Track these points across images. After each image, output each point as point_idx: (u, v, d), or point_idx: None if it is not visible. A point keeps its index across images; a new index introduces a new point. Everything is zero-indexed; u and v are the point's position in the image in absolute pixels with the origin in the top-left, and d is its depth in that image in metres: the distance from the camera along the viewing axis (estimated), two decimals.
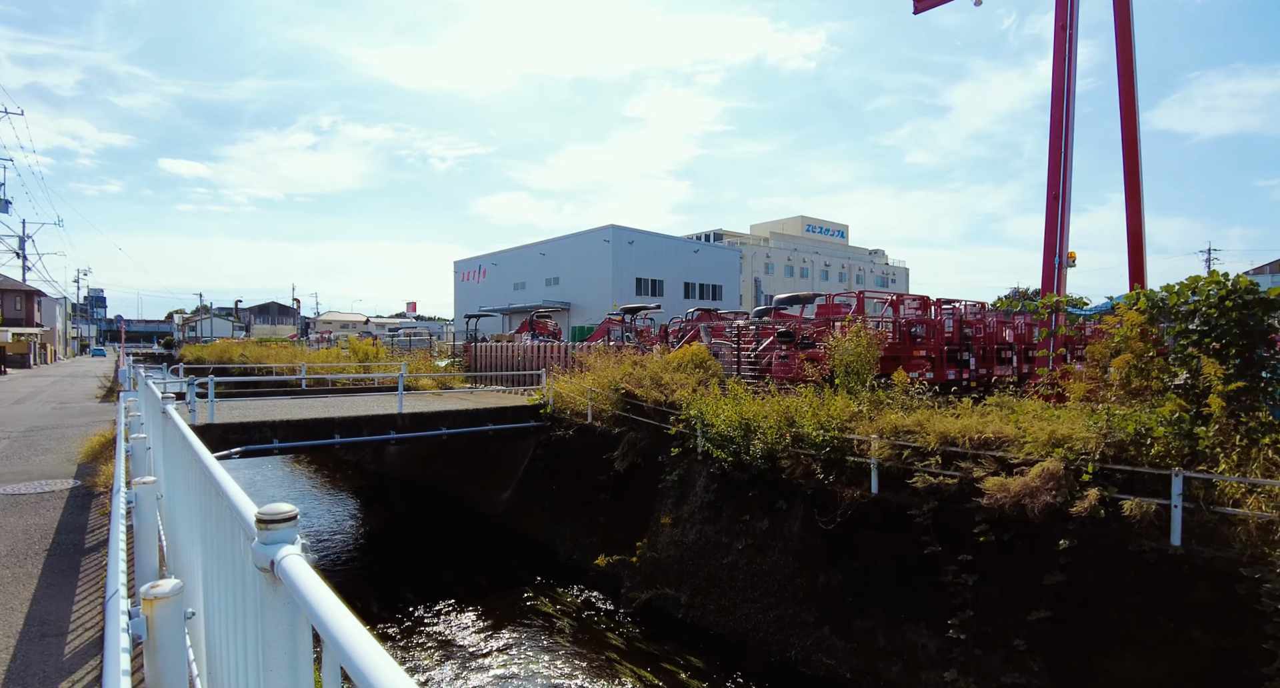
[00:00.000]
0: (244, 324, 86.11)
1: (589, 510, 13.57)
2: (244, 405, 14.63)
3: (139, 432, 6.61)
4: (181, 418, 4.19)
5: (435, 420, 13.97)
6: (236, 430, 11.56)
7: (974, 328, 15.44)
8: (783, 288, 78.60)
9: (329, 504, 18.34)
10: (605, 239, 57.14)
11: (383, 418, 13.28)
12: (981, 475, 8.68)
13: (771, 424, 11.03)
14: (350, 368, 24.67)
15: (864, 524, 9.64)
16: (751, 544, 10.66)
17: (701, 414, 11.83)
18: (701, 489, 11.63)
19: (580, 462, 14.15)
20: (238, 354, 41.72)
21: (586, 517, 13.56)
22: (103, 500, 7.36)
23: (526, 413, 15.38)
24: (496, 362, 23.47)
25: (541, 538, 14.18)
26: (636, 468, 12.64)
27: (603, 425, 13.84)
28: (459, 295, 78.68)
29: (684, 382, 13.25)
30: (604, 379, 14.20)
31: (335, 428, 12.61)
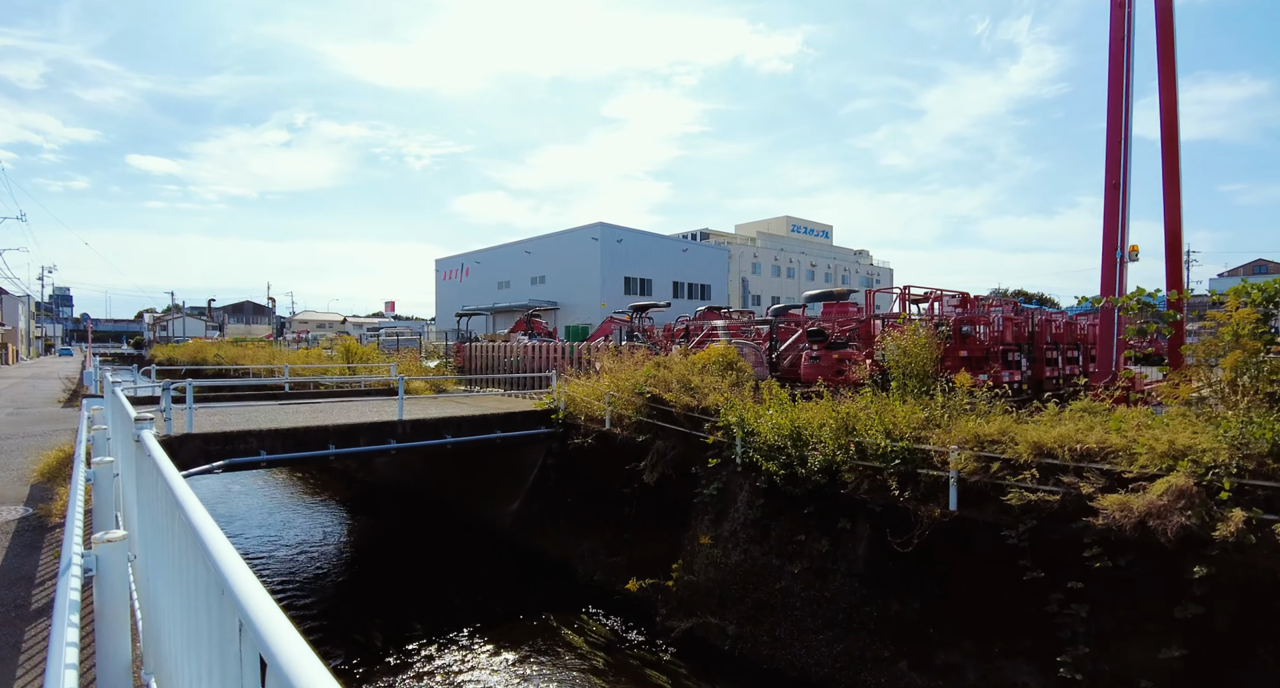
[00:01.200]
0: (217, 324, 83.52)
1: (611, 526, 12.31)
2: (223, 411, 13.17)
3: (105, 453, 5.25)
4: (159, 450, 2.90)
5: (439, 428, 12.63)
6: (218, 441, 10.15)
7: (1020, 326, 14.43)
8: (770, 289, 77.76)
9: (314, 516, 16.88)
10: (593, 237, 55.82)
11: (382, 426, 11.93)
12: (1090, 491, 7.59)
13: (827, 433, 9.88)
14: (335, 370, 23.17)
15: (944, 546, 8.50)
16: (808, 568, 9.49)
17: (743, 421, 10.65)
18: (744, 505, 10.43)
19: (599, 472, 12.89)
20: (212, 355, 39.81)
21: (608, 533, 12.31)
22: (60, 535, 5.97)
23: (536, 419, 14.08)
24: (493, 363, 22.11)
25: (556, 555, 12.90)
26: (666, 480, 11.41)
27: (624, 433, 12.59)
28: (440, 295, 76.85)
29: (715, 385, 12.05)
30: (625, 382, 12.96)
31: (330, 438, 11.24)
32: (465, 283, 71.27)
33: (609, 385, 13.63)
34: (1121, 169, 12.24)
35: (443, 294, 76.19)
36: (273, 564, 13.33)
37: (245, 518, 16.51)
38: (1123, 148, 12.32)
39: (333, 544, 14.81)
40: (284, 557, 13.78)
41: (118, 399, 5.24)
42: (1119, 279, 11.96)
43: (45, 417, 14.40)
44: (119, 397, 5.22)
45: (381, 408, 14.58)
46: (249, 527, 15.90)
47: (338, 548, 14.63)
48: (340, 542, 15.11)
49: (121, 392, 5.04)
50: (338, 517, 17.06)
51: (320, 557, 13.91)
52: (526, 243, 63.72)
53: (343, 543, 15.04)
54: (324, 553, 14.18)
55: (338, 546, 14.80)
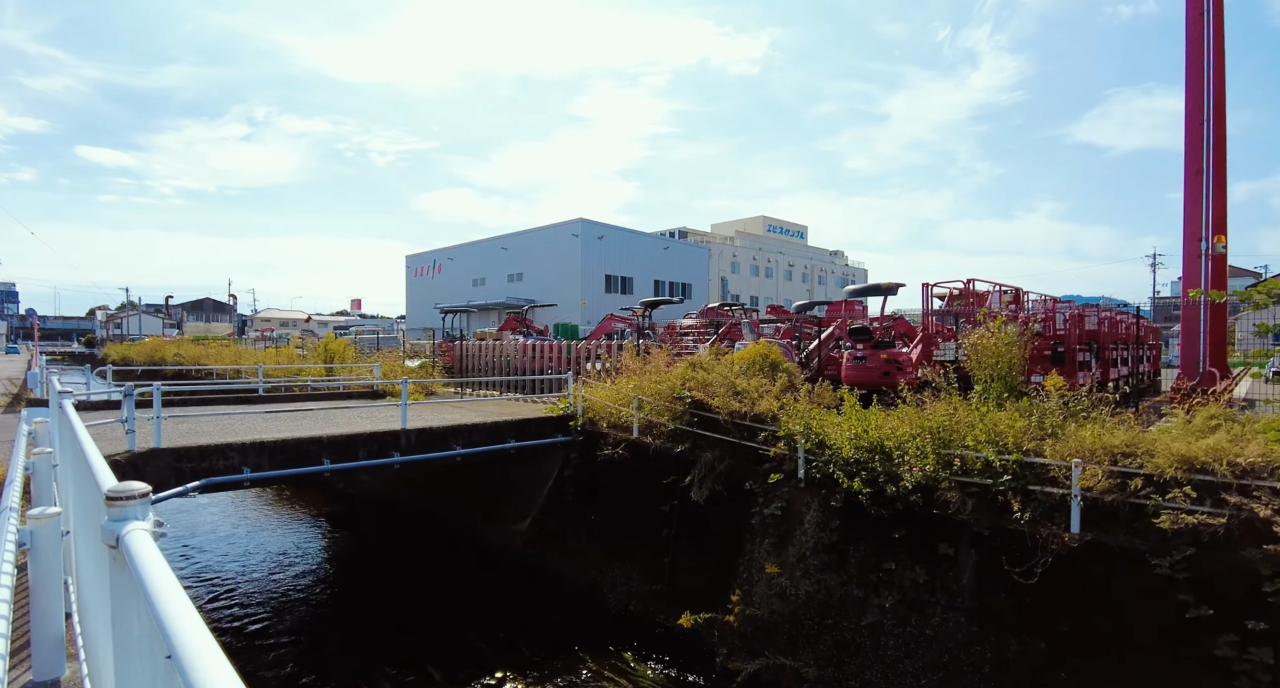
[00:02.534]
0: (175, 321, 79.91)
1: (647, 549, 10.85)
2: (193, 419, 11.41)
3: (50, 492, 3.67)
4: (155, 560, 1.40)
5: (447, 438, 11.03)
6: (192, 457, 8.45)
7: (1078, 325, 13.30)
8: (748, 288, 76.83)
9: (288, 535, 15.11)
10: (574, 233, 54.17)
11: (383, 436, 10.29)
12: (1269, 515, 6.37)
13: (915, 445, 8.57)
14: (313, 371, 21.28)
15: (1069, 575, 7.23)
16: (901, 600, 8.15)
17: (810, 431, 9.28)
18: (814, 526, 9.06)
19: (629, 487, 11.42)
20: (172, 354, 37.30)
21: (644, 557, 10.84)
22: None
23: (552, 426, 12.55)
24: (487, 363, 20.44)
25: (580, 581, 11.39)
26: (716, 497, 9.98)
27: (658, 443, 11.14)
28: (411, 292, 74.42)
29: (765, 389, 10.66)
30: (655, 386, 11.50)
31: (323, 451, 9.58)
32: (438, 280, 68.98)
33: (633, 389, 12.18)
34: (1204, 153, 11.14)
35: (414, 292, 73.75)
36: (245, 590, 11.62)
37: (209, 536, 14.67)
38: (1205, 129, 11.21)
39: (313, 566, 13.10)
40: (258, 581, 12.05)
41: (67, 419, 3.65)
42: (1205, 272, 10.86)
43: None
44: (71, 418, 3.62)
45: (373, 414, 12.91)
46: (213, 542, 14.10)
47: (319, 570, 12.93)
48: (321, 563, 13.39)
49: (69, 404, 3.39)
50: (315, 534, 15.30)
51: (299, 582, 12.20)
52: (503, 239, 61.77)
53: (324, 565, 13.32)
54: (304, 577, 12.47)
55: (319, 567, 13.09)
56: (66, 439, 3.96)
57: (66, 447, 4.00)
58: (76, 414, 3.38)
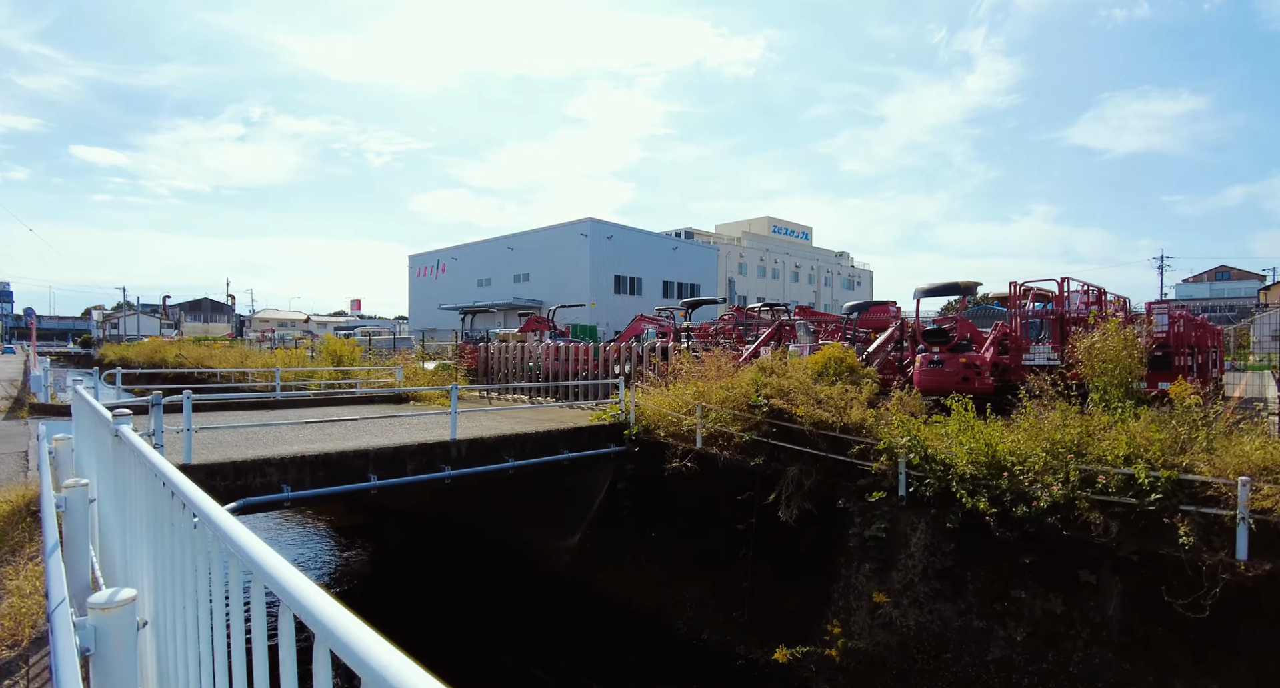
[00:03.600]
0: (173, 322, 78.68)
1: (721, 571, 9.90)
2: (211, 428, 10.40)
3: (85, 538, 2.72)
4: None
5: (499, 449, 10.07)
6: (226, 474, 7.47)
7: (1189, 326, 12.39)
8: (755, 289, 75.85)
9: (302, 546, 14.12)
10: (583, 233, 53.22)
11: (431, 448, 9.31)
12: None
13: (1040, 459, 7.65)
14: (325, 374, 20.27)
15: (1247, 610, 6.30)
16: (1033, 633, 7.21)
17: (918, 445, 8.35)
18: (922, 549, 8.13)
19: (696, 503, 10.47)
20: (173, 355, 36.14)
21: (717, 580, 9.90)
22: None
23: (604, 435, 11.58)
24: (515, 367, 19.45)
25: (642, 604, 10.43)
26: (805, 517, 9.03)
27: (730, 455, 10.20)
28: (414, 293, 73.35)
29: (851, 396, 9.72)
30: (725, 392, 10.54)
31: (369, 465, 8.61)
32: (441, 280, 67.92)
33: (694, 395, 11.24)
34: None
35: (416, 292, 72.68)
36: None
37: None
38: None
39: (330, 583, 12.11)
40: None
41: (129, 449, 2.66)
42: None
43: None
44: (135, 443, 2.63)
45: (409, 423, 11.93)
46: None
47: (337, 587, 11.94)
48: (341, 581, 12.40)
49: (145, 446, 2.41)
50: (332, 547, 14.31)
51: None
52: (509, 238, 60.77)
53: (345, 582, 12.33)
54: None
55: (339, 585, 12.10)
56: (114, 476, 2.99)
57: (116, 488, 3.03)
58: (149, 448, 2.41)
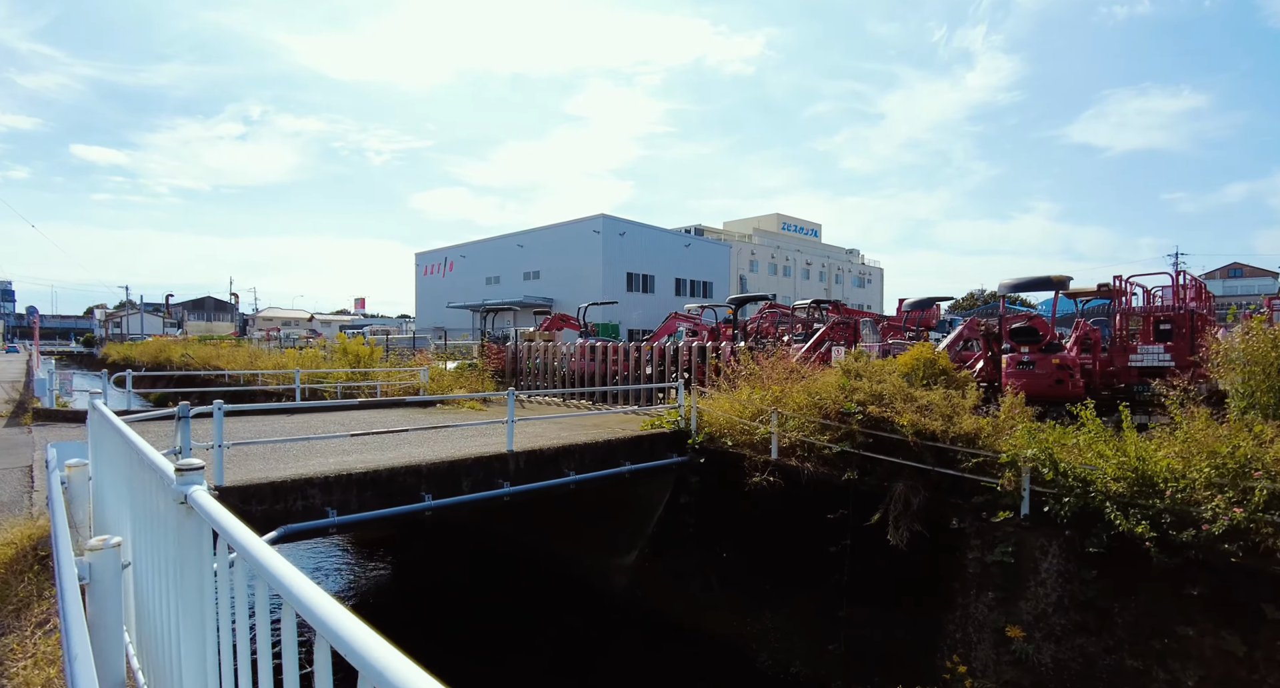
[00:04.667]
0: (176, 321, 77.68)
1: (809, 598, 8.84)
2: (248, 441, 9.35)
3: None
4: None
5: (557, 461, 9.00)
6: (263, 497, 6.40)
7: None
8: (766, 287, 74.62)
9: (324, 562, 13.05)
10: (595, 230, 52.09)
11: (488, 462, 8.24)
12: None
13: (1203, 475, 6.58)
14: (341, 375, 19.19)
15: None
16: (1206, 677, 6.15)
17: (1051, 459, 7.28)
18: (1056, 577, 7.07)
19: (775, 520, 9.40)
20: (179, 354, 35.05)
21: (805, 607, 8.83)
22: None
23: (665, 444, 10.52)
24: (545, 368, 18.37)
25: (715, 632, 9.38)
26: (914, 538, 7.96)
27: (814, 468, 9.12)
28: (421, 291, 72.25)
29: (956, 403, 8.66)
30: (804, 397, 9.47)
31: (422, 482, 7.54)
32: (449, 278, 66.82)
33: (763, 400, 10.18)
34: None
35: (423, 290, 71.57)
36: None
37: None
38: None
39: (356, 603, 11.06)
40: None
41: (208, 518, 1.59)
42: None
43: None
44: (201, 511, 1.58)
45: (451, 431, 10.85)
46: None
47: (363, 608, 10.88)
48: (368, 600, 11.34)
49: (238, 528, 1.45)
50: (355, 563, 13.24)
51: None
52: (519, 235, 59.63)
53: (372, 601, 11.28)
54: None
55: (365, 605, 11.04)
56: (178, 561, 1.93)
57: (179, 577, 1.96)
58: (243, 532, 1.38)
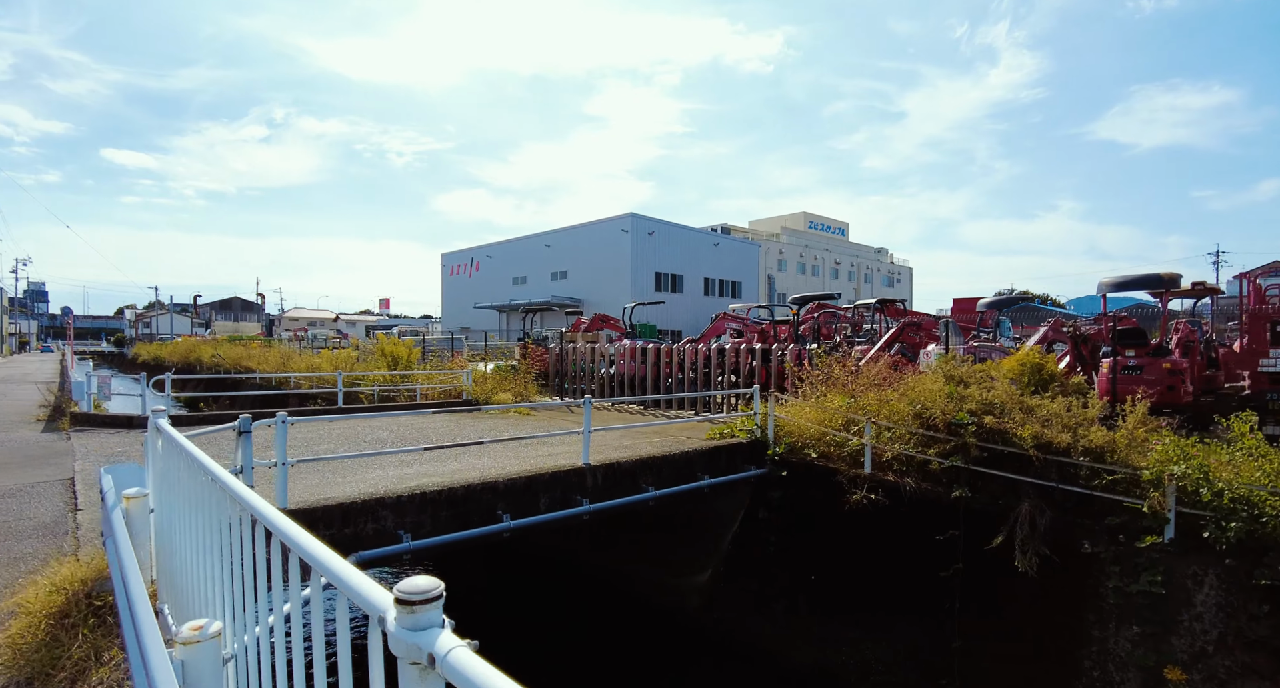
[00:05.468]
0: (204, 321, 78.13)
1: (915, 627, 8.02)
2: (315, 458, 8.75)
3: None
4: None
5: (635, 476, 8.25)
6: (332, 520, 5.72)
7: None
8: (794, 287, 73.48)
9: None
10: (624, 229, 51.39)
11: (566, 477, 7.50)
12: None
13: None
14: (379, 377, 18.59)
15: None
16: None
17: (1203, 474, 6.42)
18: (1216, 610, 6.21)
19: (871, 540, 8.59)
20: (209, 355, 34.82)
21: (911, 637, 8.02)
22: None
23: (741, 456, 9.74)
24: (587, 370, 17.65)
25: (806, 661, 8.59)
26: (1043, 563, 7.11)
27: (916, 483, 8.29)
28: (446, 291, 72.01)
29: (1078, 414, 7.80)
30: (902, 406, 8.64)
31: (499, 500, 6.82)
32: (475, 278, 66.47)
33: (851, 407, 9.37)
34: None
35: (449, 291, 71.32)
36: None
37: None
38: None
39: None
40: None
41: None
42: None
43: (19, 452, 9.84)
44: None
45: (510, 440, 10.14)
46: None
47: None
48: None
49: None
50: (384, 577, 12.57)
51: None
52: (546, 235, 59.07)
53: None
54: None
55: None
56: None
57: None
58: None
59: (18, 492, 7.16)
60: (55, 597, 3.58)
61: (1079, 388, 8.74)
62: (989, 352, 11.72)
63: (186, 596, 2.88)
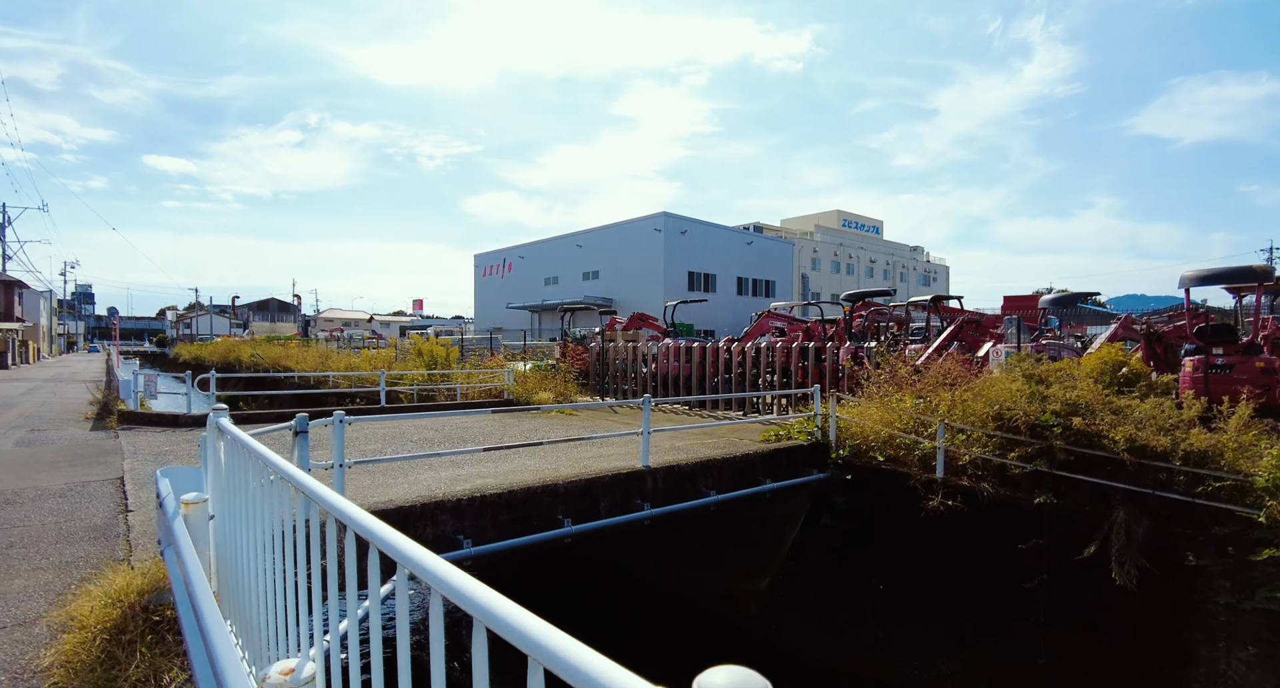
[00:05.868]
0: (242, 321, 79.46)
1: (997, 642, 7.53)
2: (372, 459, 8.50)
3: None
4: None
5: (695, 478, 7.88)
6: (391, 523, 5.39)
7: None
8: (828, 286, 72.44)
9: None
10: (656, 228, 51.00)
11: (626, 480, 7.16)
12: None
13: None
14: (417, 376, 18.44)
15: None
16: None
17: None
18: None
19: (945, 548, 8.10)
20: (248, 355, 35.20)
21: (992, 653, 7.53)
22: None
23: (802, 458, 9.30)
24: (626, 369, 17.31)
25: (874, 677, 8.14)
26: (1143, 576, 6.59)
27: (993, 488, 7.78)
28: (479, 292, 72.31)
29: (1169, 416, 7.24)
30: (996, 408, 8.12)
31: (558, 503, 6.50)
32: (507, 279, 66.64)
33: (919, 409, 8.89)
34: None
35: (482, 291, 71.61)
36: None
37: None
38: None
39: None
40: None
41: None
42: None
43: (70, 450, 9.78)
44: None
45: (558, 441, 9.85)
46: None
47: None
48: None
49: None
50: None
51: None
52: (578, 235, 58.94)
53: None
54: None
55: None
56: None
57: None
58: None
59: (68, 491, 7.01)
60: (110, 610, 3.32)
61: (1165, 388, 8.16)
62: (1059, 350, 11.11)
63: (252, 611, 2.59)
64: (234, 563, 3.11)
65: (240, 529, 2.88)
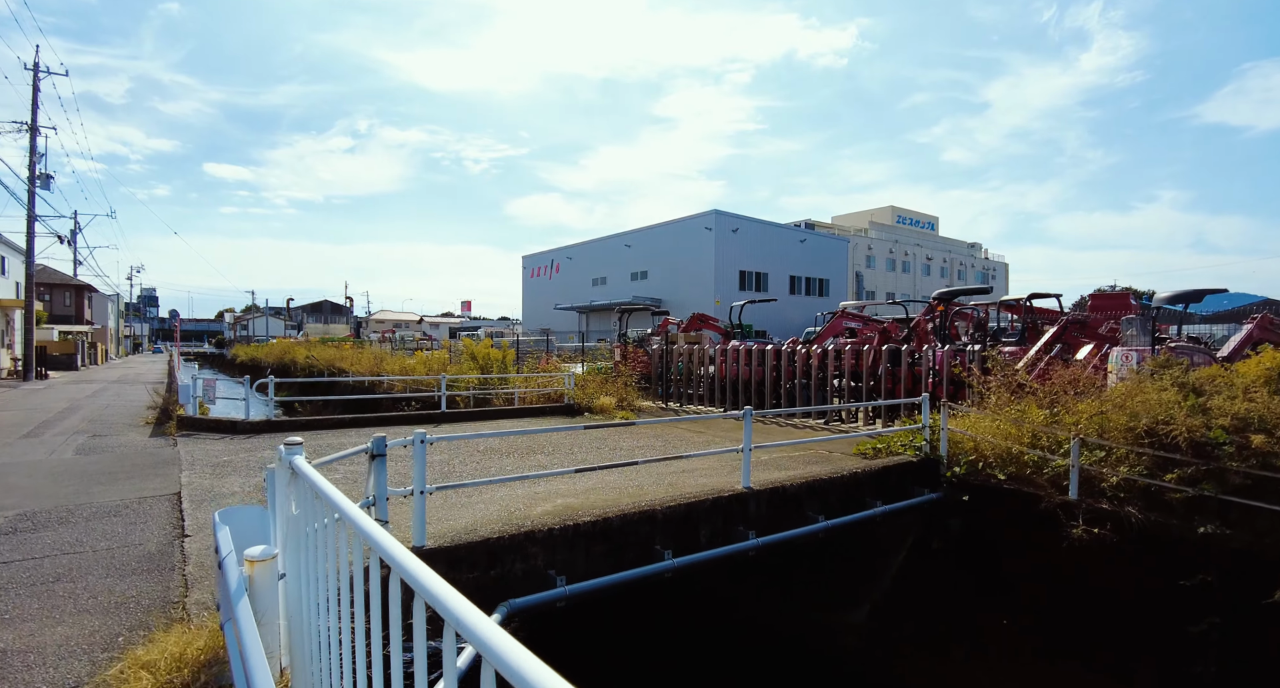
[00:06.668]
0: (296, 323, 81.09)
1: (1142, 676, 6.50)
2: (453, 484, 7.92)
3: None
4: None
5: (800, 501, 7.01)
6: (477, 560, 4.72)
7: None
8: (884, 284, 70.35)
9: None
10: (706, 227, 49.98)
11: (726, 504, 6.33)
12: None
13: None
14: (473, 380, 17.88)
15: None
16: None
17: None
18: None
19: (1086, 581, 7.08)
20: (302, 356, 35.42)
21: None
22: None
23: (911, 477, 8.34)
24: (686, 374, 16.47)
25: None
26: None
27: (1145, 514, 6.73)
28: (527, 293, 72.24)
29: None
30: (1144, 422, 7.07)
31: (656, 531, 5.72)
32: (555, 280, 66.36)
33: (1047, 420, 7.86)
34: None
35: (530, 292, 71.53)
36: None
37: None
38: None
39: None
40: None
41: None
42: None
43: (128, 459, 9.39)
44: None
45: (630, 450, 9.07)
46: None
47: None
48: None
49: None
50: None
51: None
52: (626, 235, 58.27)
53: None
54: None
55: None
56: None
57: None
58: None
59: (123, 509, 6.51)
60: (167, 672, 2.65)
61: None
62: (1189, 353, 9.92)
63: None
64: (308, 635, 2.41)
65: (317, 596, 2.17)
